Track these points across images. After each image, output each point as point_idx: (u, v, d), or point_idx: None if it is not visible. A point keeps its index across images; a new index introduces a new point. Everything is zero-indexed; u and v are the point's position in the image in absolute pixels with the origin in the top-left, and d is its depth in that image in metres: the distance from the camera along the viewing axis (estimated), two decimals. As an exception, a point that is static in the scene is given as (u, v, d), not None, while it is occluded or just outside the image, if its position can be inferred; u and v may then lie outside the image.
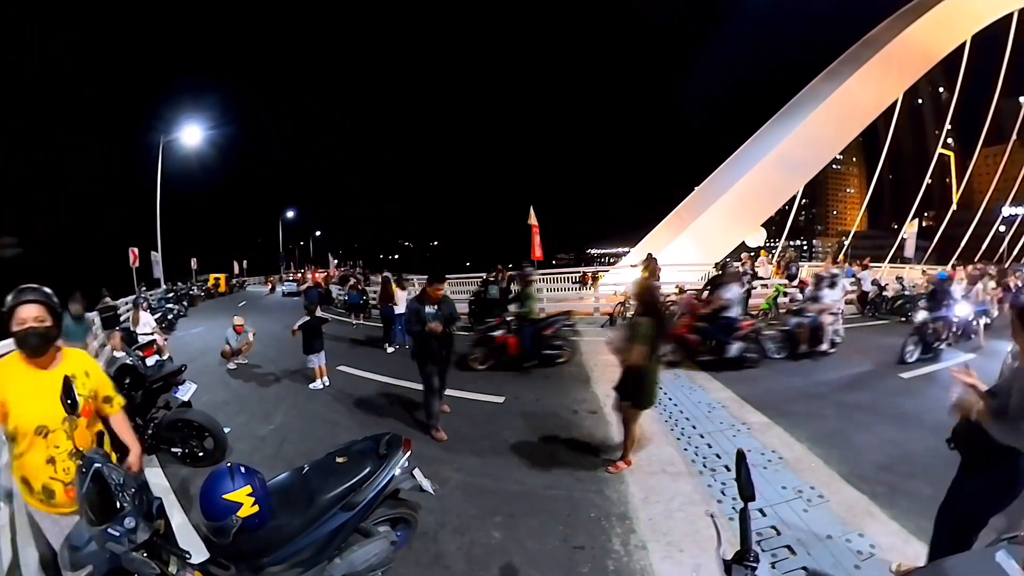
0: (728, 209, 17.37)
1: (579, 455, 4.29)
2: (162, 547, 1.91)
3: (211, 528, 2.08)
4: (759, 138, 18.79)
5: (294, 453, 4.52)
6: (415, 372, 5.00)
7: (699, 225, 17.40)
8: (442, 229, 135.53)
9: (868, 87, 17.77)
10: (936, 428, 4.49)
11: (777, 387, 6.02)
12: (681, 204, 18.91)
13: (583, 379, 6.63)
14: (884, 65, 17.71)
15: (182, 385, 4.68)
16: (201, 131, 17.63)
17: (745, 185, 17.34)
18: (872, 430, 4.58)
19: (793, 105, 18.71)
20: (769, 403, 5.27)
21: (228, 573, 2.13)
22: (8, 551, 2.45)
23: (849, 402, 5.39)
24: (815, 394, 5.68)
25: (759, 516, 3.15)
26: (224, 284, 30.11)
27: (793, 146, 17.32)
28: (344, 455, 2.60)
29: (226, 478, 2.10)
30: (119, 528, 1.75)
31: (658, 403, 5.48)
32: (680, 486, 3.66)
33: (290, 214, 48.18)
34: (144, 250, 17.94)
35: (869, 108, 18.34)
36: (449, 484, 3.79)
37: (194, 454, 4.38)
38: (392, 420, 5.34)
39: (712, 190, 18.37)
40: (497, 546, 3.03)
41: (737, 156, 18.91)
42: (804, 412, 5.08)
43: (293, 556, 2.24)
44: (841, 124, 18.01)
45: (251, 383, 7.25)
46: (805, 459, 4.00)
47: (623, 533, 3.10)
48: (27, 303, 1.96)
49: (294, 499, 2.33)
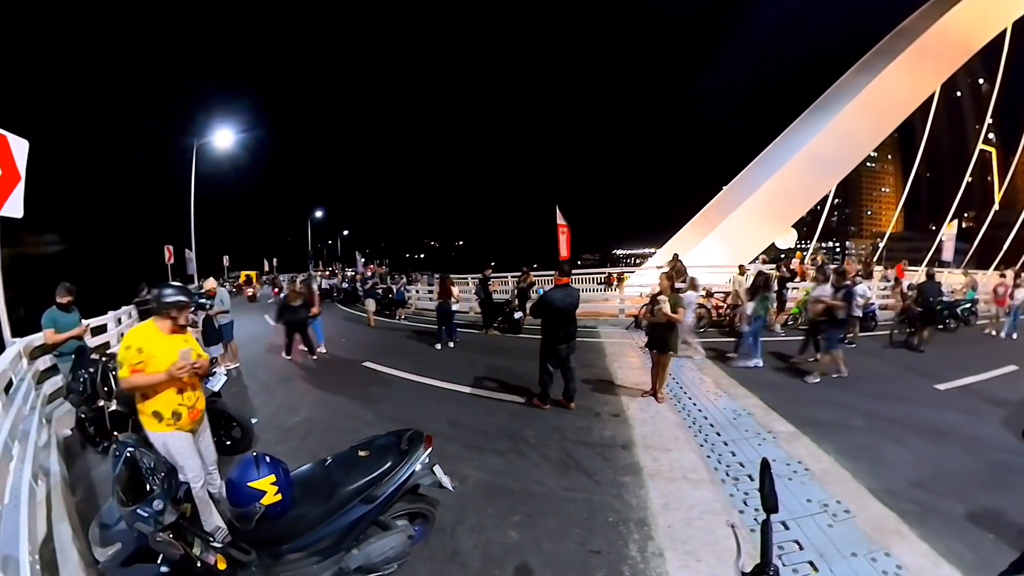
0: (757, 209, 16.84)
1: (600, 458, 4.25)
2: (188, 529, 2.00)
3: (235, 514, 2.16)
4: (789, 135, 18.07)
5: (318, 445, 4.63)
6: (444, 371, 5.07)
7: (727, 226, 16.92)
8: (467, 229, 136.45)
9: (903, 80, 16.85)
10: (974, 444, 4.40)
11: (806, 395, 5.86)
12: (709, 204, 18.40)
13: (606, 381, 6.58)
14: (919, 56, 16.77)
15: (213, 376, 4.83)
16: (232, 134, 18.30)
17: (775, 184, 16.76)
18: (904, 444, 4.40)
19: (824, 100, 17.93)
20: (794, 412, 5.13)
21: (249, 557, 2.20)
22: (43, 526, 2.60)
23: (881, 414, 5.19)
24: (844, 404, 5.50)
25: (781, 529, 3.07)
26: (255, 280, 31.05)
27: (825, 143, 16.63)
28: (366, 449, 2.65)
29: (252, 467, 2.17)
30: (148, 509, 1.85)
31: (682, 407, 5.45)
32: (701, 494, 3.58)
33: (319, 214, 49.41)
34: (179, 248, 18.71)
35: (904, 102, 17.40)
36: (468, 482, 3.82)
37: (222, 443, 4.52)
38: (415, 417, 5.40)
39: (741, 190, 17.81)
40: (513, 546, 3.03)
41: (767, 154, 18.24)
42: (833, 422, 4.92)
43: (312, 545, 2.30)
44: (875, 120, 17.20)
45: (279, 376, 7.45)
46: (832, 471, 3.87)
47: (640, 539, 3.06)
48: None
49: (316, 490, 2.39)
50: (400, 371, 7.42)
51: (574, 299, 5.38)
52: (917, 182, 22.21)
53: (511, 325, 10.97)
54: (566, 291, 5.40)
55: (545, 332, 5.47)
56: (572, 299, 5.36)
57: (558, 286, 5.45)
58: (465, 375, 6.95)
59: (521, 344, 9.40)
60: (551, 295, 5.37)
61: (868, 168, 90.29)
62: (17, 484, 2.49)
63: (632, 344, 8.96)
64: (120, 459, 1.98)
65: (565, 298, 5.31)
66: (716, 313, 10.88)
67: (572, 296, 5.39)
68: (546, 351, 5.42)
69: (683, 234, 18.31)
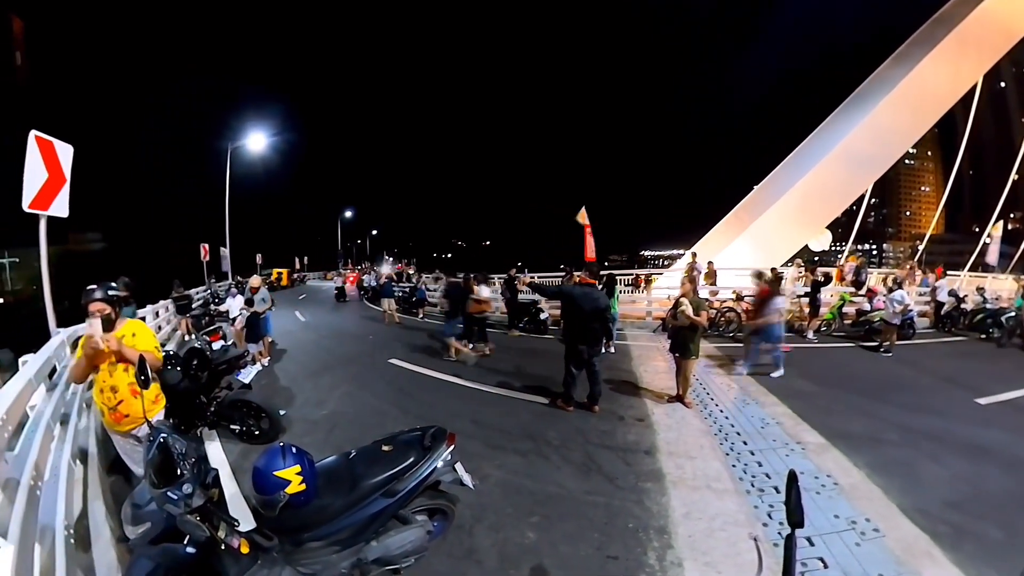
0: (790, 210, 16.12)
1: (622, 463, 4.20)
2: (214, 513, 2.08)
3: (260, 501, 2.22)
4: (823, 132, 17.19)
5: (343, 438, 4.73)
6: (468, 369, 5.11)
7: (759, 227, 16.26)
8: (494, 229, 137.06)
9: (942, 71, 15.71)
10: (1016, 464, 4.17)
11: (838, 405, 5.66)
12: (739, 204, 17.67)
13: (632, 385, 6.50)
14: (960, 44, 15.59)
15: (244, 368, 5.02)
16: (265, 138, 19.09)
17: (808, 184, 15.99)
18: (941, 461, 4.20)
19: (859, 94, 16.94)
20: (825, 423, 4.97)
21: (271, 543, 2.27)
22: (79, 502, 2.76)
23: (917, 427, 4.97)
24: (879, 416, 5.28)
25: (806, 545, 2.97)
26: (286, 278, 31.96)
27: (860, 140, 15.74)
28: (390, 444, 2.69)
29: (278, 456, 2.24)
30: (177, 492, 1.94)
31: (708, 414, 5.35)
32: (724, 504, 3.50)
33: (348, 214, 50.59)
34: (214, 246, 19.46)
35: (945, 94, 16.20)
36: (489, 481, 3.83)
37: (251, 432, 4.69)
38: (439, 414, 5.45)
39: (773, 189, 17.04)
40: (530, 546, 3.03)
41: (799, 152, 17.39)
42: (865, 435, 4.74)
43: (332, 535, 2.35)
44: (913, 114, 16.10)
45: (307, 370, 7.64)
46: (863, 487, 3.72)
47: (660, 547, 3.01)
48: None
49: (339, 481, 2.44)
50: (425, 368, 7.50)
51: (595, 300, 5.28)
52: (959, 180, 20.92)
53: (536, 325, 10.97)
54: (585, 289, 5.36)
55: (567, 332, 5.45)
56: (593, 299, 5.27)
57: (581, 283, 5.44)
58: (489, 374, 6.99)
59: (546, 345, 9.38)
60: (569, 288, 5.33)
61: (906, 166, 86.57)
62: (57, 463, 2.63)
63: (659, 347, 8.83)
64: (153, 444, 2.08)
65: (584, 296, 5.26)
66: (746, 317, 10.62)
67: (592, 296, 5.31)
68: (569, 352, 5.40)
69: (713, 235, 17.71)
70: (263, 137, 18.92)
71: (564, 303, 5.53)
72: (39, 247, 4.33)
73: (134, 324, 3.14)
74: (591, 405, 5.42)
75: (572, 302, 5.30)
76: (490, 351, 8.52)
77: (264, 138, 18.96)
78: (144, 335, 3.12)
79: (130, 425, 3.00)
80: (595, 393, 5.43)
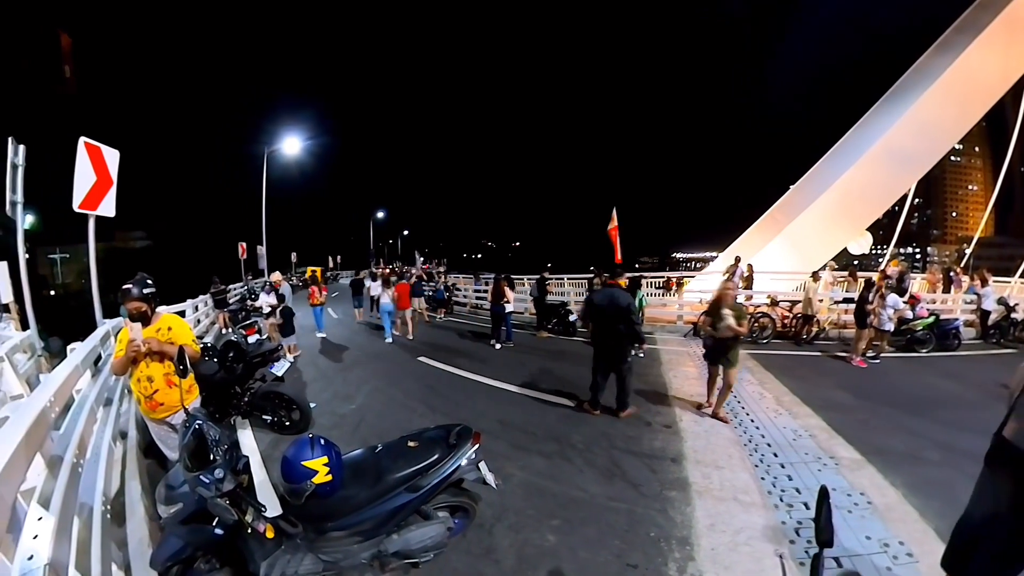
0: (828, 210, 15.28)
1: (647, 470, 4.13)
2: (243, 498, 2.18)
3: (287, 489, 2.30)
4: (862, 128, 16.16)
5: (370, 433, 4.84)
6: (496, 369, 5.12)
7: (795, 228, 15.50)
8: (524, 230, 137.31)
9: (990, 58, 14.36)
10: None
11: (876, 419, 5.40)
12: (775, 205, 16.89)
13: (660, 391, 6.39)
14: (1009, 29, 14.22)
15: (277, 362, 5.20)
16: (300, 141, 19.70)
17: (847, 183, 15.06)
18: (986, 483, 3.96)
19: (900, 87, 15.81)
20: (861, 438, 4.77)
21: (295, 530, 2.35)
22: (117, 481, 2.93)
23: (960, 446, 4.66)
24: (919, 432, 5.02)
25: (834, 565, 2.83)
26: (320, 276, 32.90)
27: (902, 135, 14.69)
28: (416, 440, 2.74)
29: (307, 447, 2.31)
30: (209, 477, 2.05)
31: (739, 423, 5.22)
32: (751, 518, 3.39)
33: (380, 214, 51.67)
34: (251, 245, 20.22)
35: (993, 85, 14.81)
36: (512, 481, 3.84)
37: (281, 423, 4.85)
38: (465, 413, 5.50)
39: (810, 189, 16.16)
40: (549, 549, 3.02)
41: (837, 149, 16.41)
42: (904, 452, 4.50)
43: (355, 525, 2.41)
44: (959, 106, 14.81)
45: (338, 365, 7.83)
46: (898, 508, 3.52)
47: (681, 559, 2.94)
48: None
49: (364, 474, 2.50)
50: (454, 368, 7.59)
51: (616, 299, 5.15)
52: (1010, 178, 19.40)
53: (565, 327, 10.95)
54: (605, 291, 5.32)
55: (594, 335, 5.42)
56: (614, 299, 5.16)
57: (607, 285, 5.39)
58: (517, 375, 7.01)
59: (575, 347, 9.34)
60: (591, 295, 5.31)
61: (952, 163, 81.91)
62: (99, 443, 2.80)
63: (690, 353, 8.65)
64: (189, 430, 2.19)
65: (606, 296, 5.22)
66: (782, 323, 10.30)
67: (614, 296, 5.20)
68: (597, 355, 5.37)
69: (747, 237, 17.02)
70: (298, 141, 19.52)
71: (587, 305, 5.51)
72: (87, 244, 4.63)
73: (169, 318, 3.29)
74: (618, 410, 5.37)
75: (594, 304, 5.27)
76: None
77: (299, 142, 19.56)
78: (180, 329, 3.26)
79: (164, 413, 3.17)
80: (623, 398, 5.36)
